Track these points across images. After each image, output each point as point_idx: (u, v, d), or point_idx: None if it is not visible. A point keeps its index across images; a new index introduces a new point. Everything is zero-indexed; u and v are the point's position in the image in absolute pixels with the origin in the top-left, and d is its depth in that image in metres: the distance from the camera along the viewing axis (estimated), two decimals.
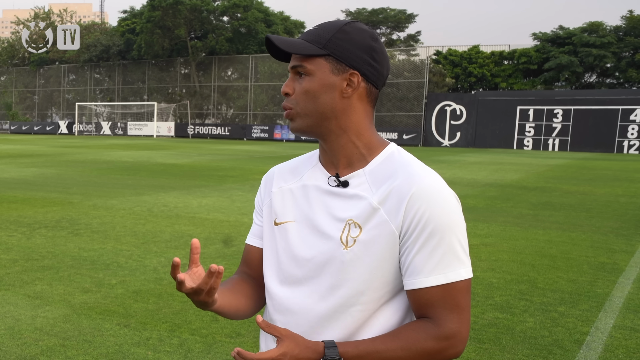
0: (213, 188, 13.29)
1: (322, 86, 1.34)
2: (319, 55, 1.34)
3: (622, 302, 5.36)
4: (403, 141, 40.72)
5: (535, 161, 25.43)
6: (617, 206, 11.59)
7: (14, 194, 11.62)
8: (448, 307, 1.30)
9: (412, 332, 1.30)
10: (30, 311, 4.76)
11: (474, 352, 4.08)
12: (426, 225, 1.29)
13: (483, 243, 7.81)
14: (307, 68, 1.35)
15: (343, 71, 1.35)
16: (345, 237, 1.34)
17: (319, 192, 1.41)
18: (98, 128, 53.39)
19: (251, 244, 1.56)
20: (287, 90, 1.39)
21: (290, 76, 1.39)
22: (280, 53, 1.39)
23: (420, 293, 1.30)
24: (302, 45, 1.35)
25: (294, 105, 1.38)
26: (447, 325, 1.29)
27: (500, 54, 44.84)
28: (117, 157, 23.44)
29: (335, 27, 1.36)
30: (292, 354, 1.26)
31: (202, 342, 4.20)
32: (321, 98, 1.35)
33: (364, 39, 1.36)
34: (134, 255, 6.77)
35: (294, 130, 1.40)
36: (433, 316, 1.30)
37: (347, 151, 1.39)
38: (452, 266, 1.30)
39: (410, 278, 1.31)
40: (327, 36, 1.35)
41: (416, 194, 1.30)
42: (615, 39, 41.72)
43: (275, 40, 1.35)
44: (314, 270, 1.38)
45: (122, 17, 58.76)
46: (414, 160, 1.39)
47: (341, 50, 1.34)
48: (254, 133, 46.62)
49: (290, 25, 55.98)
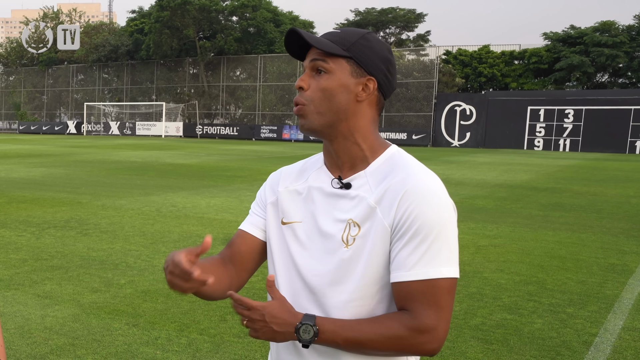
0: (221, 188, 13.31)
1: (340, 86, 1.38)
2: (342, 56, 1.38)
3: (631, 303, 5.33)
4: (412, 141, 40.67)
5: (546, 162, 25.32)
6: (629, 207, 11.52)
7: (23, 194, 11.69)
8: (426, 302, 1.32)
9: (387, 318, 1.35)
10: (40, 310, 4.79)
11: (482, 353, 4.07)
12: (414, 222, 1.32)
13: (492, 244, 7.78)
14: (329, 65, 1.38)
15: (361, 75, 1.39)
16: (346, 237, 1.39)
17: (324, 194, 1.45)
18: (106, 128, 53.61)
19: (247, 230, 1.56)
20: (302, 85, 1.40)
21: (306, 72, 1.41)
22: (298, 49, 1.42)
23: (401, 286, 1.34)
24: (327, 43, 1.38)
25: (308, 102, 1.40)
26: (422, 319, 1.32)
27: (511, 54, 44.67)
28: (125, 157, 23.53)
29: (359, 34, 1.41)
30: (272, 311, 1.32)
31: (211, 341, 4.21)
32: (337, 97, 1.38)
33: (383, 50, 1.41)
34: (142, 255, 6.79)
35: (304, 128, 1.42)
36: (411, 309, 1.34)
37: (352, 153, 1.43)
38: (434, 264, 1.32)
39: (394, 271, 1.35)
40: (351, 40, 1.39)
41: (409, 191, 1.34)
42: (627, 38, 41.43)
43: (302, 33, 1.37)
44: (317, 269, 1.43)
45: (130, 17, 59.04)
46: (413, 160, 1.43)
47: (363, 55, 1.38)
48: (262, 133, 46.65)
49: (299, 25, 55.94)
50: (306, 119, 1.41)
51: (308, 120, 1.40)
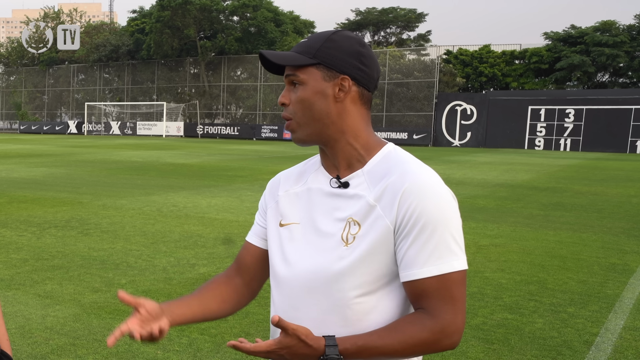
0: (222, 188, 13.32)
1: (315, 93, 1.41)
2: (310, 65, 1.41)
3: (632, 303, 5.33)
4: (413, 141, 40.66)
5: (547, 161, 25.31)
6: (629, 207, 11.51)
7: (24, 194, 11.70)
8: (442, 298, 1.33)
9: (408, 324, 1.34)
10: (41, 310, 4.79)
11: (483, 353, 4.07)
12: (418, 218, 1.33)
13: (493, 244, 7.78)
14: (299, 77, 1.42)
15: (334, 77, 1.41)
16: (346, 235, 1.40)
17: (322, 194, 1.47)
18: (107, 128, 53.64)
19: (250, 241, 1.63)
20: (283, 101, 1.45)
21: (286, 87, 1.46)
22: (275, 66, 1.46)
23: (415, 285, 1.35)
24: (293, 57, 1.42)
25: (293, 115, 1.44)
26: (442, 316, 1.33)
27: (512, 54, 44.65)
28: (126, 157, 23.54)
29: (324, 37, 1.43)
30: (292, 349, 1.30)
31: (211, 341, 4.21)
32: (316, 105, 1.41)
33: (352, 45, 1.43)
34: (143, 255, 6.79)
35: (297, 142, 1.47)
36: (428, 307, 1.34)
37: (346, 153, 1.45)
38: (445, 258, 1.33)
39: (405, 270, 1.36)
40: (316, 46, 1.42)
41: (409, 188, 1.35)
42: (628, 38, 41.41)
43: (267, 55, 1.42)
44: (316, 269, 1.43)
45: (131, 17, 59.04)
46: (410, 157, 1.44)
47: (330, 57, 1.41)
48: (263, 133, 46.67)
49: (300, 24, 56.01)
50: (295, 132, 1.45)
51: (297, 133, 1.45)
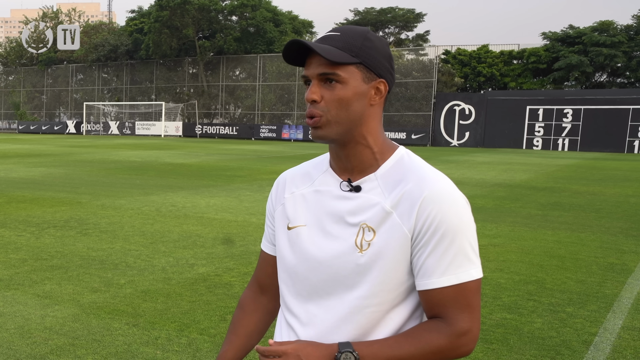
0: (221, 188, 13.31)
1: (355, 94, 1.35)
2: (352, 64, 1.34)
3: (631, 303, 5.34)
4: (411, 141, 40.67)
5: (545, 161, 25.33)
6: (627, 207, 11.53)
7: (23, 194, 11.69)
8: (460, 306, 1.33)
9: (425, 332, 1.34)
10: (40, 310, 4.79)
11: (482, 353, 4.08)
12: (438, 227, 1.32)
13: (491, 243, 7.79)
14: (340, 76, 1.34)
15: (372, 79, 1.37)
16: (360, 241, 1.36)
17: (332, 197, 1.43)
18: (106, 128, 53.59)
19: (266, 251, 1.62)
20: (314, 98, 1.35)
21: (315, 82, 1.36)
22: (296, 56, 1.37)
23: (432, 293, 1.34)
24: (336, 53, 1.33)
25: (324, 113, 1.35)
26: (459, 324, 1.32)
27: (510, 54, 44.68)
28: (125, 156, 23.53)
29: (361, 35, 1.36)
30: (306, 349, 1.32)
31: (211, 341, 4.21)
32: (353, 106, 1.36)
33: (385, 48, 1.39)
34: (142, 255, 6.79)
35: (320, 137, 1.38)
36: (445, 316, 1.34)
37: (364, 157, 1.40)
38: (464, 267, 1.33)
39: (423, 279, 1.34)
40: (357, 44, 1.34)
41: (428, 197, 1.33)
42: (626, 38, 41.44)
43: (310, 45, 1.32)
44: (327, 274, 1.40)
45: (130, 16, 58.96)
46: (423, 163, 1.42)
47: (371, 59, 1.35)
48: (261, 133, 46.67)
49: (299, 24, 55.98)
50: (323, 129, 1.37)
51: (324, 130, 1.37)
